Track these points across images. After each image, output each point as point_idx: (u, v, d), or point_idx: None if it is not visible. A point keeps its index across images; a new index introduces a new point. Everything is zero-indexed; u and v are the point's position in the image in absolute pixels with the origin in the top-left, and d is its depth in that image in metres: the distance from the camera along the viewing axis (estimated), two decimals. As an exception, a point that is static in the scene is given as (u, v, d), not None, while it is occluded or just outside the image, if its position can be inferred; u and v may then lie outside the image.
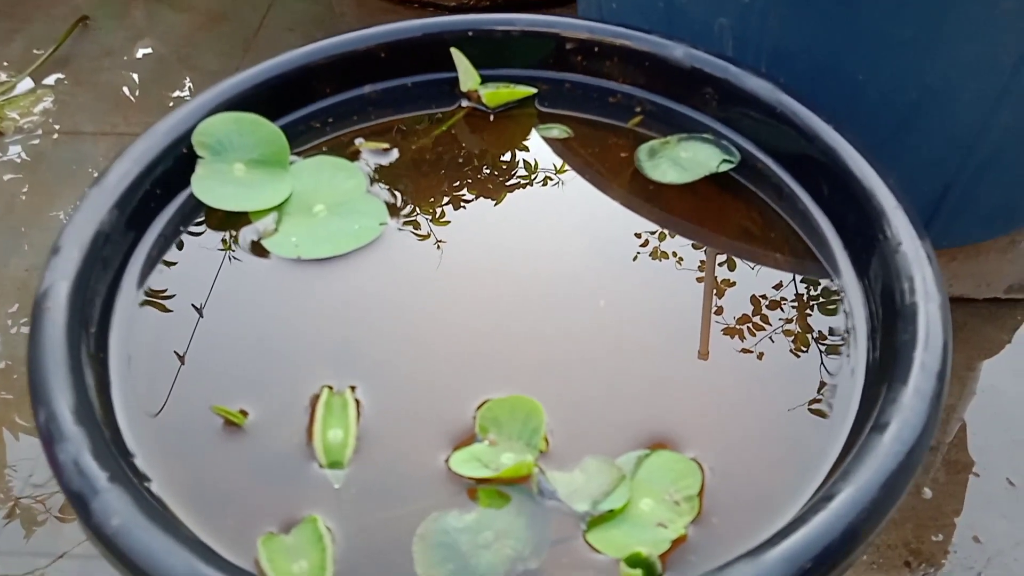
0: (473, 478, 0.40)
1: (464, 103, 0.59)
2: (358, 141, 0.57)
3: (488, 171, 0.56)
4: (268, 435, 0.42)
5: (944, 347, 0.40)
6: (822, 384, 0.44)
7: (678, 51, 0.56)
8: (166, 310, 0.47)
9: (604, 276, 0.50)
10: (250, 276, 0.49)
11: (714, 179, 0.55)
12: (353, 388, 0.44)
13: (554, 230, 0.53)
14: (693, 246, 0.52)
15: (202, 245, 0.51)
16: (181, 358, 0.45)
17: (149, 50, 1.30)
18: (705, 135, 0.56)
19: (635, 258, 0.51)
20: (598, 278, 0.50)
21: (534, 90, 0.59)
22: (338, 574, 0.37)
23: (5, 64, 1.25)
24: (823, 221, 0.51)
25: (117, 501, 0.35)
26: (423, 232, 0.52)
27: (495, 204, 0.54)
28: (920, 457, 0.37)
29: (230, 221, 0.52)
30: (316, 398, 0.43)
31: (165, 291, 0.48)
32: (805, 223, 0.52)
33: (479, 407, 0.43)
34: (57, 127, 1.15)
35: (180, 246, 0.50)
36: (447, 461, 0.41)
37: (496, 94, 0.58)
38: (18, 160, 1.11)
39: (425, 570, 0.38)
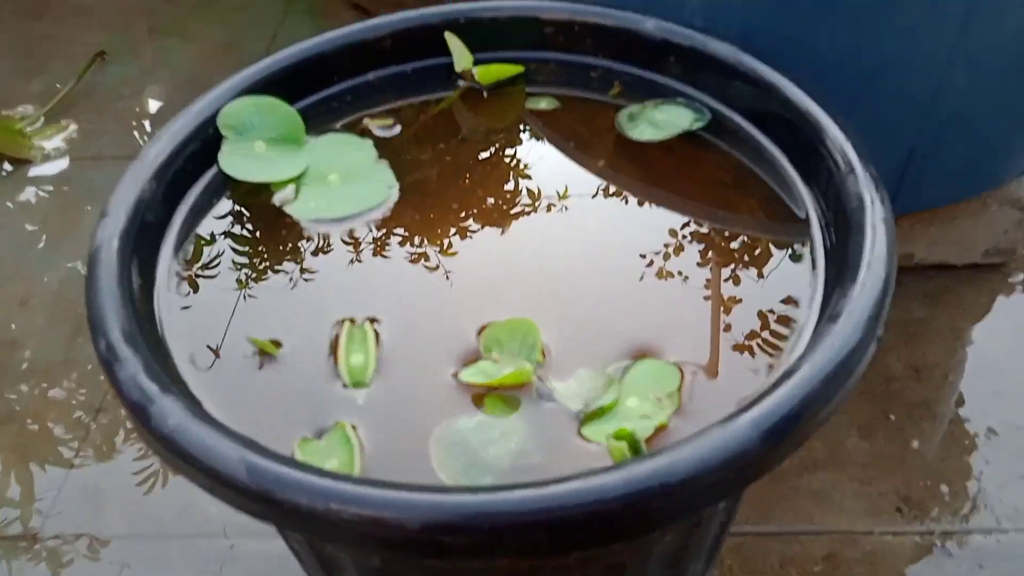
0: (480, 385, 0.46)
1: (460, 83, 0.65)
2: (365, 120, 0.63)
3: (485, 140, 0.62)
4: (298, 362, 0.48)
5: (888, 250, 0.45)
6: (789, 298, 0.50)
7: (649, 24, 0.62)
8: (203, 265, 0.53)
9: (592, 221, 0.56)
10: (275, 235, 0.55)
11: (688, 138, 0.61)
12: (372, 320, 0.49)
13: (550, 186, 0.59)
14: (672, 196, 0.58)
15: (231, 211, 0.56)
16: (218, 302, 0.51)
17: (164, 79, 1.37)
18: (678, 99, 0.62)
19: (620, 205, 0.57)
20: (587, 223, 0.56)
21: (522, 68, 0.65)
22: (365, 469, 0.43)
23: (30, 99, 1.32)
24: (786, 164, 0.57)
25: (171, 406, 0.40)
26: (428, 193, 0.58)
27: (493, 167, 0.60)
28: (868, 342, 0.42)
29: (254, 192, 0.58)
30: (339, 331, 0.49)
31: (201, 250, 0.54)
32: (771, 168, 0.58)
33: (482, 330, 0.48)
34: (81, 153, 1.23)
35: (212, 213, 0.56)
36: (456, 376, 0.46)
37: (488, 70, 0.64)
38: (47, 184, 1.18)
39: (441, 464, 0.43)
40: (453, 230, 0.55)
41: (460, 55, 0.64)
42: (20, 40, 1.47)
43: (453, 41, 0.64)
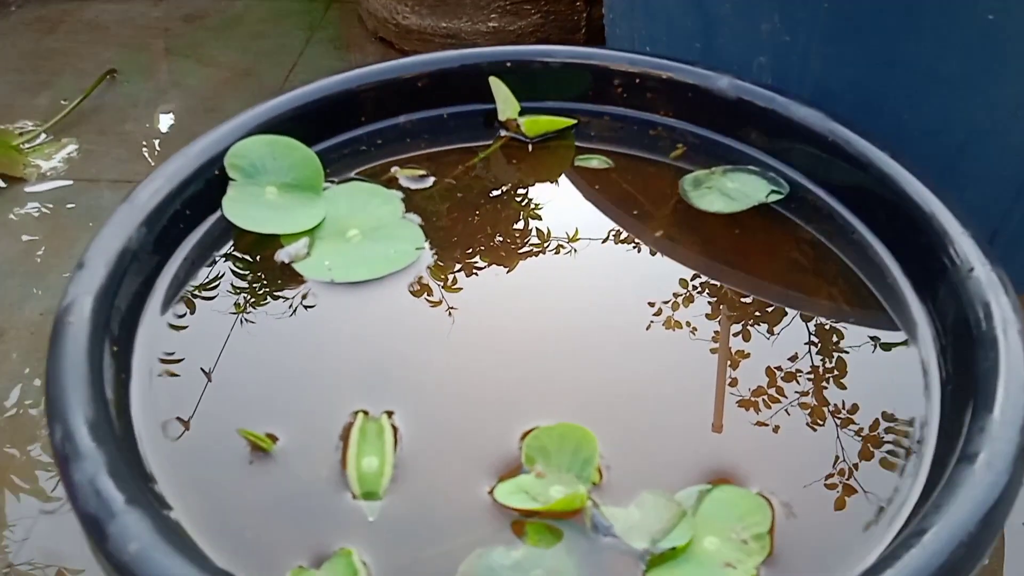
0: (520, 510, 0.37)
1: (502, 133, 0.58)
2: (394, 169, 0.55)
3: (528, 199, 0.54)
4: (298, 462, 0.39)
5: (1030, 374, 0.37)
6: (894, 418, 0.41)
7: (723, 82, 0.55)
8: (193, 331, 0.45)
9: (653, 305, 0.48)
10: (281, 299, 0.47)
11: (760, 211, 0.53)
12: (390, 414, 0.41)
13: (598, 259, 0.51)
14: (742, 278, 0.50)
15: (231, 267, 0.48)
16: (207, 380, 0.42)
17: (175, 102, 1.31)
18: (751, 167, 0.54)
19: (683, 284, 0.49)
20: (646, 307, 0.48)
21: (574, 121, 0.58)
22: (373, 613, 0.34)
23: (32, 115, 1.25)
24: (882, 251, 0.49)
25: (136, 525, 0.32)
26: (462, 258, 0.50)
27: (536, 232, 0.52)
28: (1015, 489, 0.33)
29: (261, 244, 0.50)
30: (350, 424, 0.40)
31: (193, 312, 0.46)
32: (861, 254, 0.50)
33: (525, 435, 0.40)
34: (79, 174, 1.15)
35: (209, 267, 0.48)
36: (491, 493, 0.38)
37: (535, 122, 0.56)
38: (39, 206, 1.10)
39: (469, 611, 0.34)
40: (491, 304, 0.47)
41: (505, 103, 0.57)
42: (30, 53, 1.41)
43: (498, 87, 0.57)
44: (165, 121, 1.27)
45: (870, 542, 0.35)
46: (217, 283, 0.47)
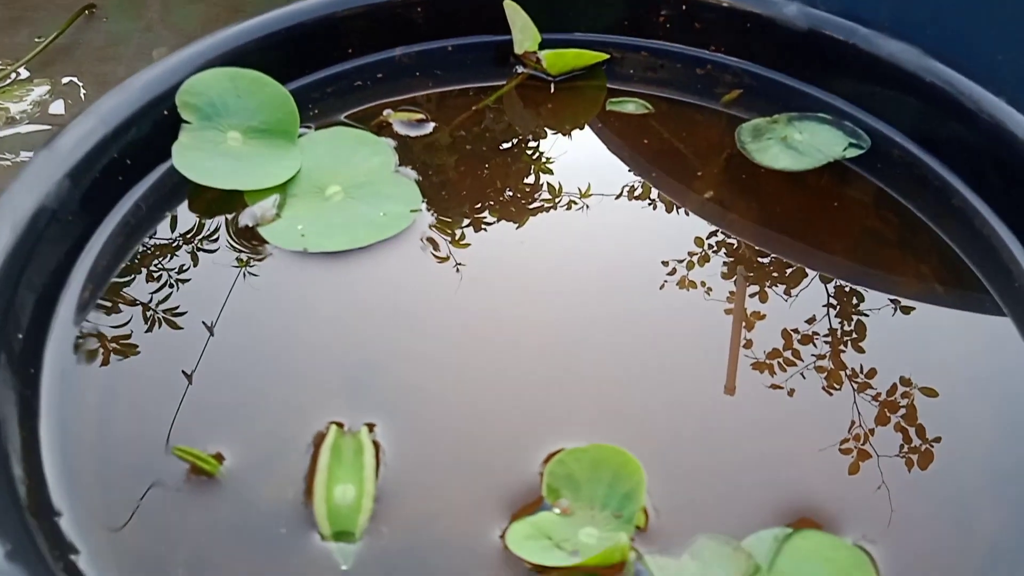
0: (540, 567, 0.28)
1: (519, 69, 0.48)
2: (386, 112, 0.45)
3: (549, 150, 0.44)
4: (251, 490, 0.30)
5: None
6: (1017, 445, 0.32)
7: (790, 9, 0.45)
8: (125, 315, 0.36)
9: (698, 287, 0.38)
10: (241, 274, 0.38)
11: (834, 168, 0.43)
12: (371, 426, 0.32)
13: (632, 228, 0.42)
14: (810, 251, 0.40)
15: (181, 232, 0.39)
16: (139, 379, 0.33)
17: (159, 41, 1.20)
18: (822, 114, 0.45)
19: (740, 260, 0.39)
20: (690, 290, 0.38)
21: (606, 56, 0.48)
22: None
23: (2, 53, 1.15)
24: (994, 222, 0.39)
25: (15, 590, 0.23)
26: (465, 223, 0.40)
27: (558, 193, 0.43)
28: None
29: (220, 203, 0.40)
30: (320, 439, 0.31)
31: (127, 289, 0.36)
32: (963, 225, 0.40)
33: (547, 459, 0.31)
34: (51, 120, 1.06)
35: (152, 232, 0.39)
36: (502, 536, 0.29)
37: (560, 56, 0.46)
38: (6, 154, 1.01)
39: None
40: (503, 282, 0.38)
41: (523, 32, 0.46)
42: (2, -14, 1.30)
43: (515, 13, 0.46)
44: (149, 61, 1.17)
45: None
46: (161, 253, 0.38)
